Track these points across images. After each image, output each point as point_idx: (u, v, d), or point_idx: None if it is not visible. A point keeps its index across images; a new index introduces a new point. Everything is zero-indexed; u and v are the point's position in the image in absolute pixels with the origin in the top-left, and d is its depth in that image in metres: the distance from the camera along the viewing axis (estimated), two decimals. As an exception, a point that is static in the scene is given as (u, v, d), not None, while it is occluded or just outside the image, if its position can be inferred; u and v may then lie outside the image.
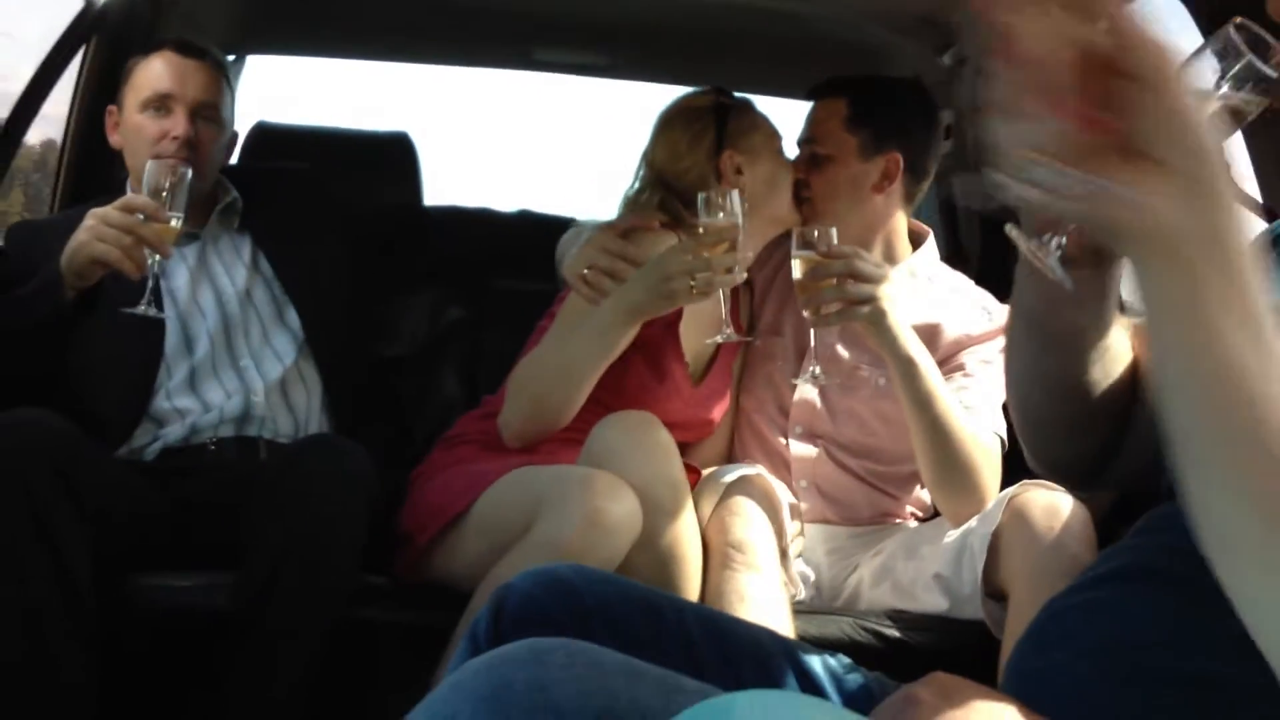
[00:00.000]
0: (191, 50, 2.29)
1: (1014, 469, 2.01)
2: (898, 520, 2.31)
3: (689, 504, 1.95)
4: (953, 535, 2.05)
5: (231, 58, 2.99)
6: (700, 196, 1.98)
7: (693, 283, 1.92)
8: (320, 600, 1.84)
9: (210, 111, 2.25)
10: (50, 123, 2.62)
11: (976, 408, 2.10)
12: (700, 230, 1.97)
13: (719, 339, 2.11)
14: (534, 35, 3.01)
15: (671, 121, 2.29)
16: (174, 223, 1.93)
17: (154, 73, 2.23)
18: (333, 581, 1.86)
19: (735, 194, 1.97)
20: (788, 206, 2.26)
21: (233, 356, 2.26)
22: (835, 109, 2.28)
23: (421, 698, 1.63)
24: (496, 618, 1.15)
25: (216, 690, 1.84)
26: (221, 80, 2.31)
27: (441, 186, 3.31)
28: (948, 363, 2.17)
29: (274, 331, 2.31)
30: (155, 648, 1.94)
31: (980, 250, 2.76)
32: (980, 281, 2.38)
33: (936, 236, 2.47)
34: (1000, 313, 2.23)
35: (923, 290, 2.26)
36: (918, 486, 2.29)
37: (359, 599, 1.94)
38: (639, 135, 2.34)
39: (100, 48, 2.55)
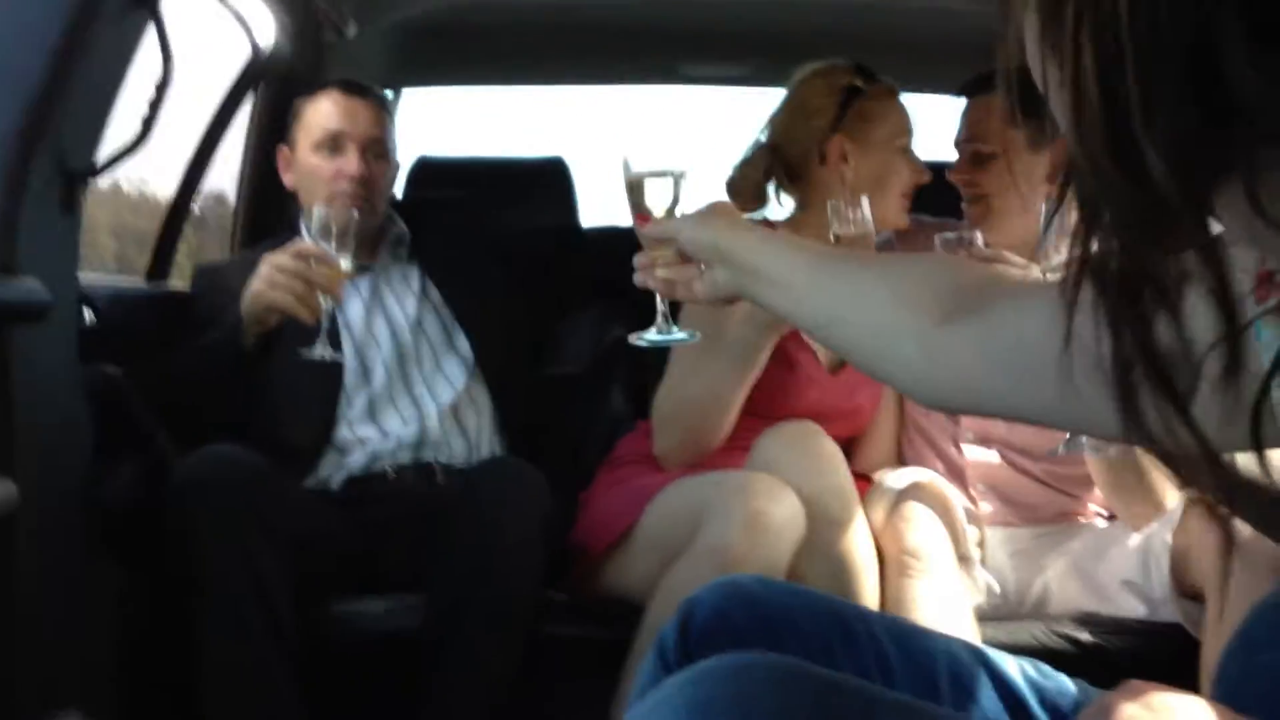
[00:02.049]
0: (356, 89, 2.35)
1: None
2: (1082, 519, 2.24)
3: (859, 512, 1.93)
4: (1136, 540, 2.00)
5: (389, 93, 3.08)
6: (830, 204, 1.94)
7: None
8: (506, 620, 1.87)
9: (379, 147, 2.31)
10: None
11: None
12: (832, 239, 1.94)
13: None
14: (680, 50, 3.02)
15: (803, 85, 2.25)
16: (344, 265, 1.98)
17: (323, 113, 2.30)
18: (516, 602, 1.88)
19: (865, 201, 1.93)
20: (894, 209, 2.20)
21: (407, 384, 2.30)
22: (995, 104, 2.21)
23: (603, 710, 1.65)
24: (684, 632, 1.15)
25: (412, 713, 1.87)
26: (386, 116, 2.38)
27: (597, 207, 3.33)
28: None
29: (445, 358, 2.35)
30: (349, 673, 1.98)
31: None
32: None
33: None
34: None
35: None
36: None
37: (539, 615, 1.96)
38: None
39: (268, 92, 2.64)
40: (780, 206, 2.29)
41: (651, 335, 1.41)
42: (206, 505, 1.80)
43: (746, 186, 2.24)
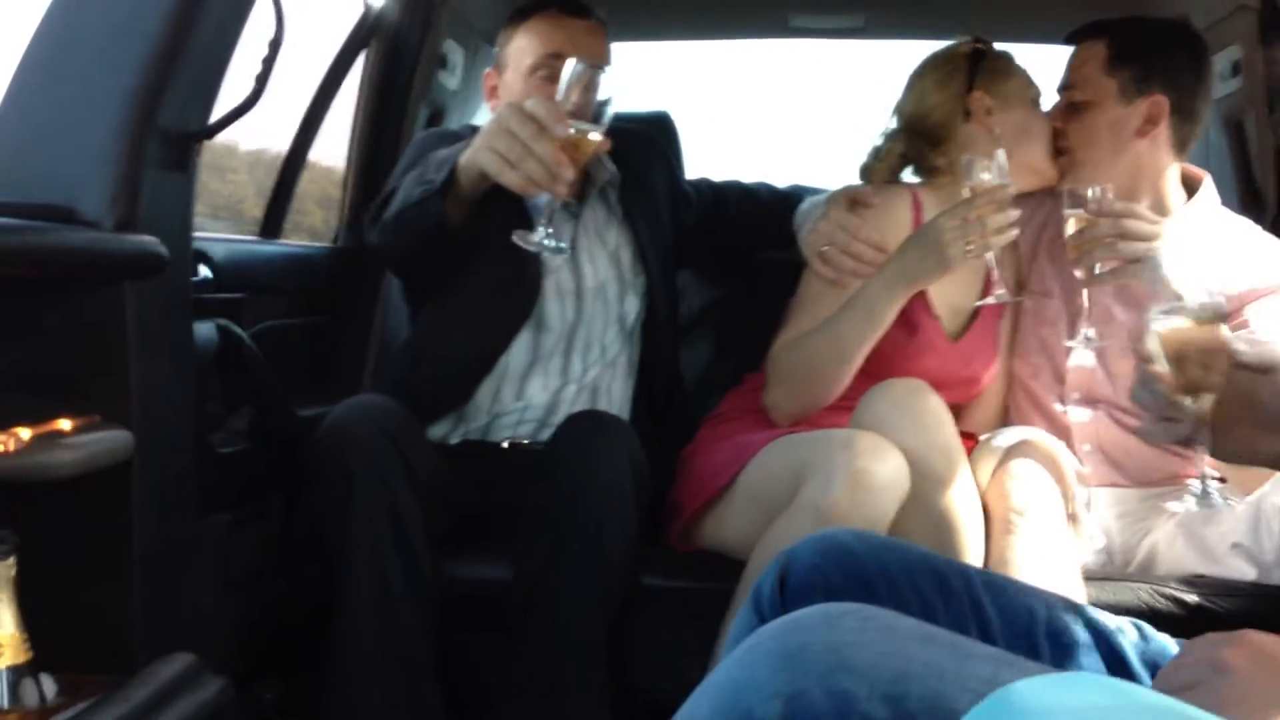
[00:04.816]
0: (578, 9, 2.15)
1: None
2: (1190, 480, 2.19)
3: (964, 470, 1.91)
4: (1246, 502, 1.94)
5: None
6: (964, 159, 1.94)
7: (968, 246, 1.89)
8: (598, 568, 1.85)
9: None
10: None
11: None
12: (967, 192, 1.93)
13: (993, 300, 2.07)
14: (789, 2, 2.98)
15: (922, 71, 2.26)
16: (592, 135, 1.65)
17: (540, 34, 2.12)
18: (608, 550, 1.86)
19: (1001, 154, 1.92)
20: (1044, 157, 2.18)
21: (566, 356, 2.19)
22: (1094, 52, 2.17)
23: (703, 663, 1.67)
24: (780, 584, 1.16)
25: (510, 664, 1.88)
26: (608, 44, 2.15)
27: (703, 163, 3.30)
28: (1230, 319, 2.04)
29: (610, 327, 2.24)
30: (448, 624, 1.99)
31: (1278, 194, 2.57)
32: (1277, 227, 2.23)
33: (1228, 180, 2.31)
34: None
35: (1199, 242, 2.12)
36: (1210, 445, 2.16)
37: (637, 567, 1.98)
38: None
39: (378, 51, 2.66)
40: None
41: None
42: (358, 451, 1.81)
43: (883, 170, 2.26)
